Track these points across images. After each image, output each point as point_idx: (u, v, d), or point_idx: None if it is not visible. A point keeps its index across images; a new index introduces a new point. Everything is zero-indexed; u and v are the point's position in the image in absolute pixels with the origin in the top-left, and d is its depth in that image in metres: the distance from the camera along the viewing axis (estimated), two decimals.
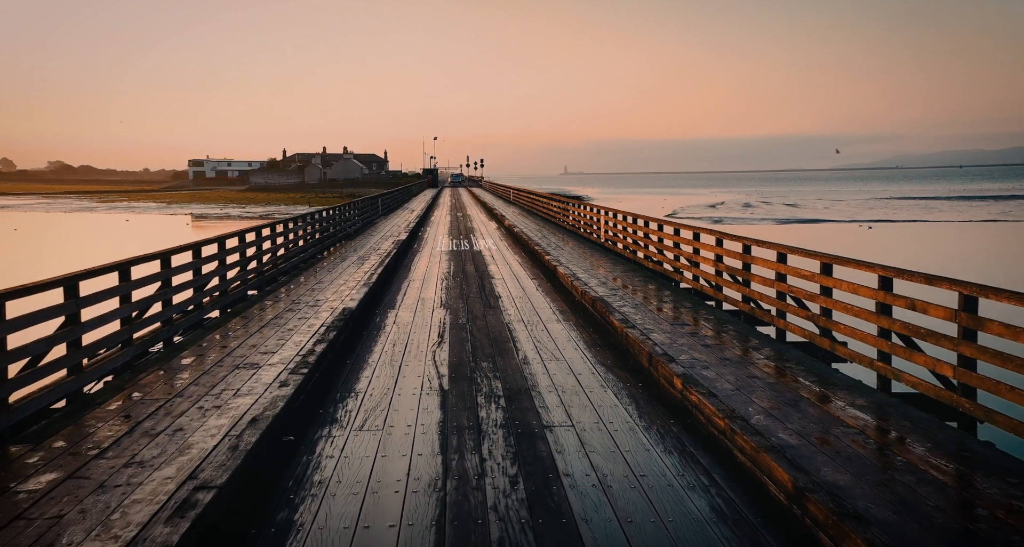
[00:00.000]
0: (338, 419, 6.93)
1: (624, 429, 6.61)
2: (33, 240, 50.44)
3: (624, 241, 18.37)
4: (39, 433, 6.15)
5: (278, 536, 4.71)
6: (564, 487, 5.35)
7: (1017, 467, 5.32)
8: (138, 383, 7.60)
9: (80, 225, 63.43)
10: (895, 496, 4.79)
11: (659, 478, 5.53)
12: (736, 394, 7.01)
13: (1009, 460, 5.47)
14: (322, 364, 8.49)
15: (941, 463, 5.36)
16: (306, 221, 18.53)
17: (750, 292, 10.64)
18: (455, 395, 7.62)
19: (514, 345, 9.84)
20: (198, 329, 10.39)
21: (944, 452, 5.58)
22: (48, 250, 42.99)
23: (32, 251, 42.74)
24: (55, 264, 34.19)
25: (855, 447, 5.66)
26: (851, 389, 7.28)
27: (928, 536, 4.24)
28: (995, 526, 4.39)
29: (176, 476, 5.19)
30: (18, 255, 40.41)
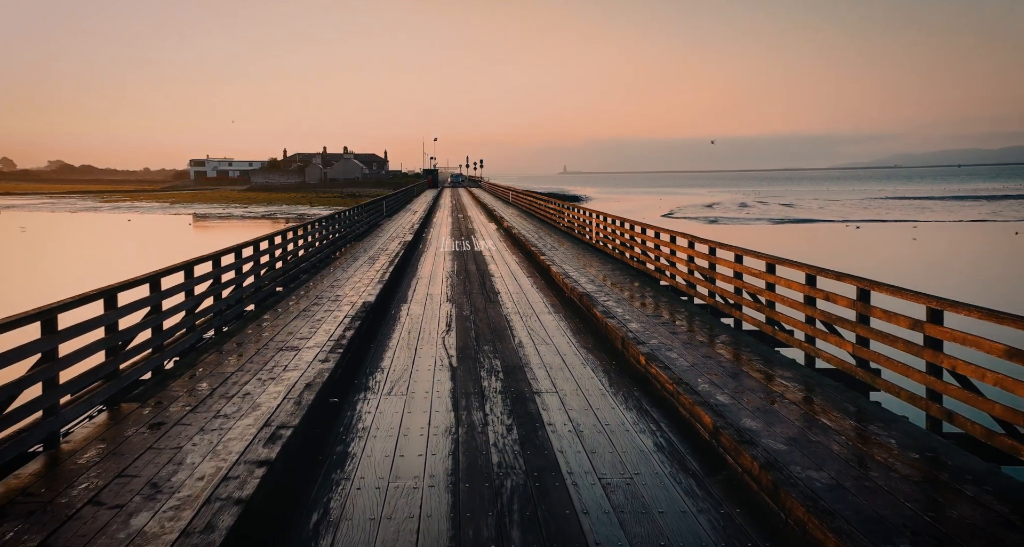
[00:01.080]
0: (370, 387, 8.76)
1: (596, 394, 8.43)
2: (45, 240, 52.14)
3: (613, 242, 20.19)
4: (140, 395, 7.96)
5: (339, 461, 6.53)
6: (547, 432, 7.16)
7: (884, 415, 7.13)
8: (203, 362, 9.40)
9: (87, 225, 65.12)
10: (788, 434, 6.59)
11: (619, 426, 7.35)
12: (691, 369, 8.81)
13: (882, 411, 7.29)
14: (352, 347, 10.30)
15: (832, 413, 7.17)
16: (321, 224, 20.32)
17: (715, 288, 12.46)
18: (462, 370, 9.44)
19: (511, 332, 11.67)
20: (240, 320, 12.20)
21: (838, 408, 7.38)
22: (60, 250, 44.73)
23: (44, 251, 44.46)
24: (71, 263, 35.98)
25: (771, 405, 7.46)
26: (784, 366, 9.09)
27: (802, 456, 6.04)
28: (850, 449, 6.20)
29: (255, 423, 6.99)
30: (34, 255, 42.14)
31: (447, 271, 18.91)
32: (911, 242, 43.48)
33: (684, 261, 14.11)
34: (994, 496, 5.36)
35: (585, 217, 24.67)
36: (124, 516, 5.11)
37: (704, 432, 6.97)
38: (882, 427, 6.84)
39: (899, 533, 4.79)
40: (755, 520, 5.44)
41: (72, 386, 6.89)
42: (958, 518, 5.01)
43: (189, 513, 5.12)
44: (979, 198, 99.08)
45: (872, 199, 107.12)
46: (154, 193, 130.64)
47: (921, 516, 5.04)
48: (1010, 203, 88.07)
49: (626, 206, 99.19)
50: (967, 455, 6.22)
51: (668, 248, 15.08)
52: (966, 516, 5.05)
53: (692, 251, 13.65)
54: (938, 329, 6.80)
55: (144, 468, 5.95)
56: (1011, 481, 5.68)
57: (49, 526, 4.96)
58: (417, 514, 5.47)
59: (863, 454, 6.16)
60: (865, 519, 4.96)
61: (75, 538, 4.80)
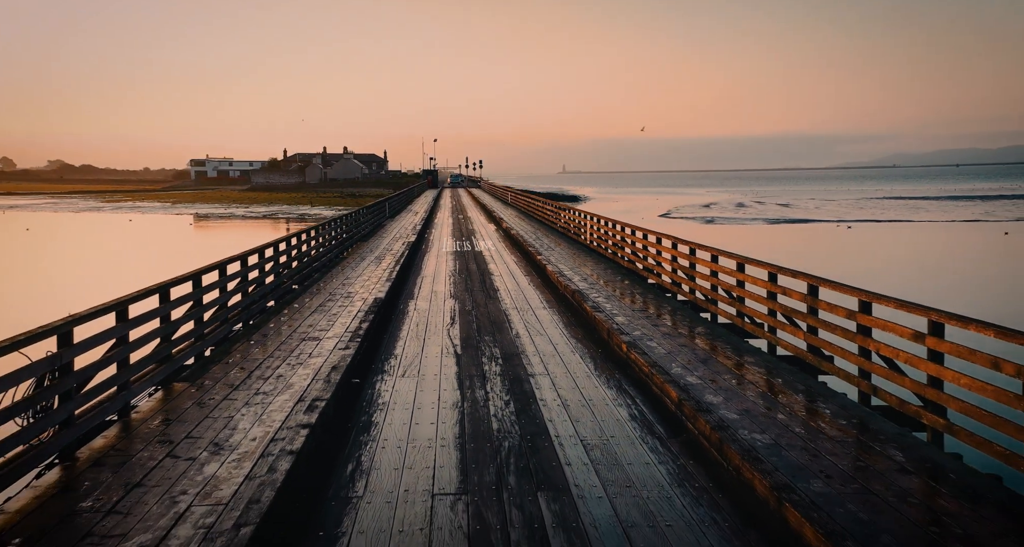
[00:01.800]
0: (386, 370, 10.09)
1: (583, 376, 9.75)
2: (52, 240, 53.38)
3: (606, 243, 21.51)
4: (188, 377, 9.28)
5: (365, 427, 7.85)
6: (539, 406, 8.48)
7: (827, 392, 8.46)
8: (237, 350, 10.71)
9: (92, 225, 66.39)
10: (742, 407, 7.90)
11: (601, 400, 8.68)
12: (666, 355, 10.12)
13: (827, 390, 8.61)
14: (368, 336, 11.62)
15: (784, 392, 8.48)
16: (331, 226, 21.63)
17: (695, 285, 13.78)
18: (466, 357, 10.76)
19: (509, 325, 12.99)
20: (263, 314, 13.51)
21: (790, 387, 8.70)
22: (69, 250, 46.01)
23: (53, 251, 45.73)
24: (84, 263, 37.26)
25: (733, 384, 8.77)
26: (750, 353, 10.40)
27: (750, 422, 7.35)
28: (792, 418, 7.52)
29: (291, 398, 8.30)
30: (43, 255, 43.41)
31: (450, 270, 20.23)
32: (896, 242, 44.84)
33: (668, 261, 15.44)
34: (898, 450, 6.68)
35: (580, 219, 25.99)
36: (197, 465, 6.42)
37: (671, 405, 8.29)
38: (823, 402, 8.16)
39: (815, 476, 6.10)
40: (703, 469, 6.76)
41: (137, 367, 8.20)
42: (865, 466, 6.33)
43: (249, 463, 6.43)
44: (974, 198, 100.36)
45: (868, 199, 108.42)
46: (155, 193, 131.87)
47: (836, 465, 6.35)
48: (1004, 203, 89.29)
49: (624, 206, 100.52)
50: (886, 422, 7.54)
51: (654, 249, 16.40)
52: (872, 465, 6.36)
53: (675, 251, 14.97)
54: (868, 318, 8.12)
55: (205, 432, 7.26)
56: (915, 440, 7.01)
57: (141, 472, 6.27)
58: (432, 465, 6.79)
59: (802, 422, 7.48)
60: (789, 466, 6.27)
61: (163, 480, 6.11)
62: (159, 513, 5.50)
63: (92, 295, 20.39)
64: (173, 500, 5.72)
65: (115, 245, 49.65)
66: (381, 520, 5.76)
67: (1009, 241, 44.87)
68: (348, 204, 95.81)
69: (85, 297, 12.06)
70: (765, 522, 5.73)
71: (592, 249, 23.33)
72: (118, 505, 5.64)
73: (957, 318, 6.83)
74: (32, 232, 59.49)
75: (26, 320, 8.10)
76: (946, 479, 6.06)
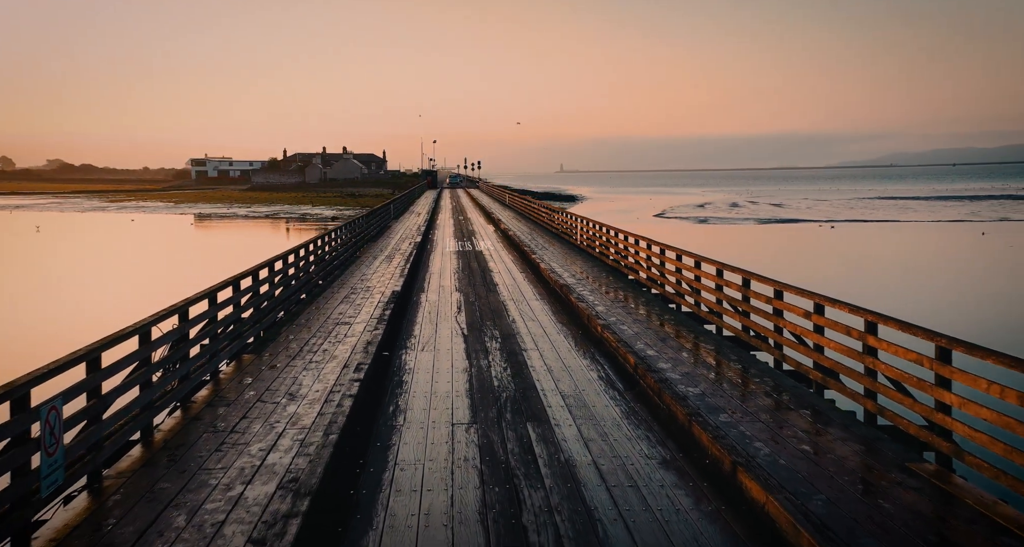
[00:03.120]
0: (408, 346, 12.72)
1: (564, 350, 12.39)
2: (67, 239, 55.87)
3: (594, 243, 24.13)
4: (253, 350, 11.89)
5: (398, 384, 10.49)
6: (529, 371, 11.10)
7: (750, 359, 11.09)
8: (285, 332, 13.30)
9: (101, 224, 68.85)
10: (684, 371, 10.51)
11: (578, 367, 11.31)
12: (634, 335, 12.73)
13: (751, 357, 11.24)
14: (391, 321, 14.23)
15: (724, 362, 11.10)
16: (345, 228, 24.22)
17: (666, 281, 16.39)
18: (471, 337, 13.38)
19: (506, 313, 15.62)
20: (298, 304, 16.11)
21: (727, 358, 11.31)
22: (85, 248, 48.54)
23: (67, 249, 48.25)
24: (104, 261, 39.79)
25: (681, 356, 11.39)
26: (705, 336, 13.01)
27: (686, 380, 9.96)
28: (721, 377, 10.14)
29: (338, 364, 10.90)
30: (60, 253, 45.92)
31: (454, 267, 22.87)
32: (872, 242, 47.50)
33: (644, 259, 18.07)
34: (788, 396, 9.30)
35: (572, 221, 28.61)
36: (281, 406, 9.02)
37: (630, 368, 10.93)
38: (747, 366, 10.79)
39: (723, 410, 8.71)
40: (646, 408, 9.40)
41: (220, 341, 10.80)
42: (762, 405, 8.94)
43: (319, 404, 9.04)
44: (963, 198, 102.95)
45: (860, 199, 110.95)
46: (157, 193, 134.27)
47: (742, 405, 8.96)
48: (991, 203, 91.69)
49: (620, 206, 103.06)
50: (787, 378, 10.16)
51: (634, 249, 19.02)
52: (767, 406, 8.98)
53: (649, 251, 17.60)
54: (780, 302, 10.74)
55: (279, 387, 9.87)
56: (803, 391, 9.62)
57: (241, 411, 8.87)
58: (451, 407, 9.42)
59: (729, 381, 10.10)
60: (706, 406, 8.88)
61: (260, 415, 8.71)
62: (264, 432, 8.11)
63: (160, 292, 23.33)
64: (272, 426, 8.32)
65: (136, 244, 52.13)
66: (418, 437, 8.39)
67: (984, 241, 47.48)
68: (349, 204, 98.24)
69: (161, 292, 14.70)
70: (680, 436, 8.36)
71: (582, 249, 25.94)
72: (236, 427, 8.25)
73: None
74: (44, 231, 61.85)
75: (124, 306, 10.68)
76: (820, 415, 8.69)
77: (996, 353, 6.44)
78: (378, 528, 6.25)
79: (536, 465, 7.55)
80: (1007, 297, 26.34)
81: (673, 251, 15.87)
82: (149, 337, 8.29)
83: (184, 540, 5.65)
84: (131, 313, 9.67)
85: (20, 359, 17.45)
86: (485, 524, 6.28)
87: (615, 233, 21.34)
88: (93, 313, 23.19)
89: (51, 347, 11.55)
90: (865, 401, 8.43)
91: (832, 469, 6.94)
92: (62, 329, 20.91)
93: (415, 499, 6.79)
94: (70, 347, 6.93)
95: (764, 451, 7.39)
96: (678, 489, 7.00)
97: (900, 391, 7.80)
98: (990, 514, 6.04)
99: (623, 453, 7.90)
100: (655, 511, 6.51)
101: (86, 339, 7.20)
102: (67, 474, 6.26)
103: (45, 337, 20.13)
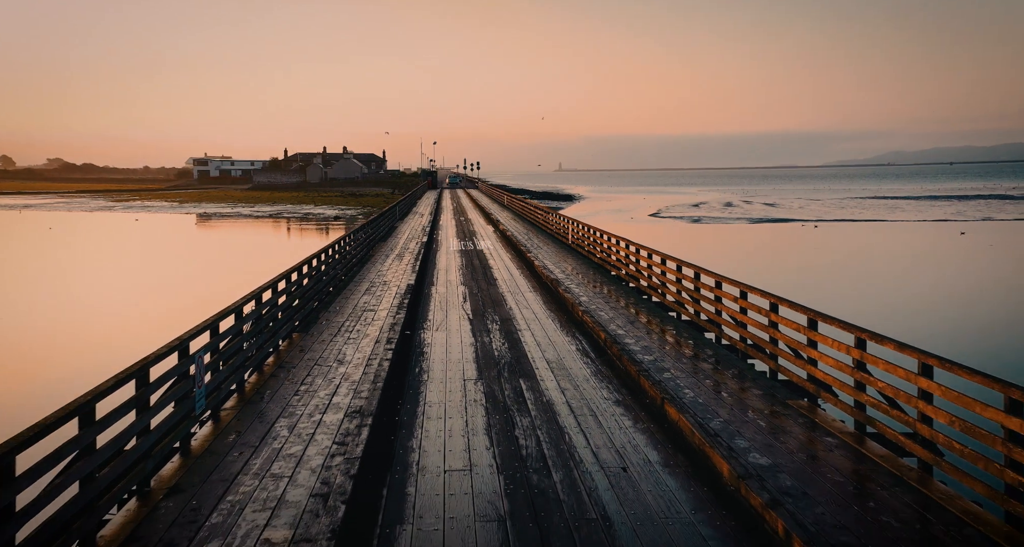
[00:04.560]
0: (425, 327, 15.83)
1: (551, 330, 15.50)
2: (84, 238, 58.84)
3: (584, 243, 27.20)
4: (300, 330, 14.97)
5: (419, 353, 13.60)
6: (523, 345, 14.20)
7: (701, 338, 14.19)
8: (323, 318, 16.37)
9: (112, 224, 71.77)
10: (644, 344, 13.59)
11: (561, 342, 14.42)
12: (609, 319, 15.80)
13: (701, 335, 14.33)
14: (409, 308, 17.32)
15: (680, 338, 14.19)
16: (360, 230, 27.29)
17: (639, 275, 19.47)
18: (476, 320, 16.47)
19: (505, 302, 18.71)
20: (328, 295, 19.18)
21: (681, 335, 14.40)
22: (104, 247, 51.53)
23: (88, 248, 51.25)
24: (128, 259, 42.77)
25: (643, 334, 14.46)
26: (666, 319, 16.09)
27: (643, 349, 13.03)
28: (675, 349, 13.23)
29: (371, 340, 13.98)
30: (82, 252, 48.91)
31: (458, 264, 25.97)
32: (849, 241, 50.66)
33: (623, 258, 21.16)
34: (714, 361, 12.38)
35: (565, 223, 31.71)
36: (333, 368, 12.09)
37: (601, 342, 14.02)
38: (696, 342, 13.86)
39: (667, 370, 11.76)
40: (610, 370, 12.51)
41: (278, 324, 13.85)
42: (699, 368, 12.02)
43: (362, 366, 12.11)
44: (951, 198, 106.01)
45: (853, 198, 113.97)
46: (161, 192, 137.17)
47: (683, 367, 12.03)
48: (978, 203, 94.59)
49: (616, 205, 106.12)
50: (722, 349, 13.23)
51: (615, 249, 22.11)
52: (703, 368, 12.05)
53: (627, 250, 20.69)
54: (719, 291, 13.82)
55: (328, 354, 12.94)
56: (726, 355, 12.70)
57: (305, 371, 11.95)
58: (462, 369, 12.51)
59: (678, 351, 13.17)
60: (655, 366, 11.95)
61: (320, 373, 11.78)
62: (326, 384, 11.17)
63: (198, 286, 26.50)
64: (330, 380, 11.38)
65: (160, 243, 55.11)
66: (439, 387, 11.50)
67: (961, 241, 50.55)
68: (350, 204, 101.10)
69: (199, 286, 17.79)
70: (632, 386, 11.46)
71: (573, 248, 29.03)
72: (304, 380, 11.33)
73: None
74: (58, 231, 64.76)
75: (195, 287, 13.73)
76: (740, 374, 11.78)
77: (848, 325, 9.54)
78: (418, 437, 9.35)
79: (526, 403, 10.65)
80: (942, 292, 29.43)
81: (646, 250, 18.96)
82: (241, 313, 11.37)
83: (292, 441, 8.71)
84: (179, 304, 12.76)
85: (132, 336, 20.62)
86: (490, 435, 9.37)
87: (600, 234, 24.43)
88: (154, 303, 26.30)
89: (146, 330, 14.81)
90: (770, 362, 11.52)
91: (732, 402, 10.03)
92: (150, 315, 24.03)
93: (441, 423, 9.89)
94: (160, 329, 10.00)
95: (689, 394, 10.47)
96: (624, 416, 10.11)
97: (795, 356, 10.87)
98: (835, 431, 9.14)
99: (588, 396, 11.01)
100: (605, 428, 9.61)
101: (168, 322, 10.28)
102: (206, 402, 9.35)
103: (138, 322, 23.25)
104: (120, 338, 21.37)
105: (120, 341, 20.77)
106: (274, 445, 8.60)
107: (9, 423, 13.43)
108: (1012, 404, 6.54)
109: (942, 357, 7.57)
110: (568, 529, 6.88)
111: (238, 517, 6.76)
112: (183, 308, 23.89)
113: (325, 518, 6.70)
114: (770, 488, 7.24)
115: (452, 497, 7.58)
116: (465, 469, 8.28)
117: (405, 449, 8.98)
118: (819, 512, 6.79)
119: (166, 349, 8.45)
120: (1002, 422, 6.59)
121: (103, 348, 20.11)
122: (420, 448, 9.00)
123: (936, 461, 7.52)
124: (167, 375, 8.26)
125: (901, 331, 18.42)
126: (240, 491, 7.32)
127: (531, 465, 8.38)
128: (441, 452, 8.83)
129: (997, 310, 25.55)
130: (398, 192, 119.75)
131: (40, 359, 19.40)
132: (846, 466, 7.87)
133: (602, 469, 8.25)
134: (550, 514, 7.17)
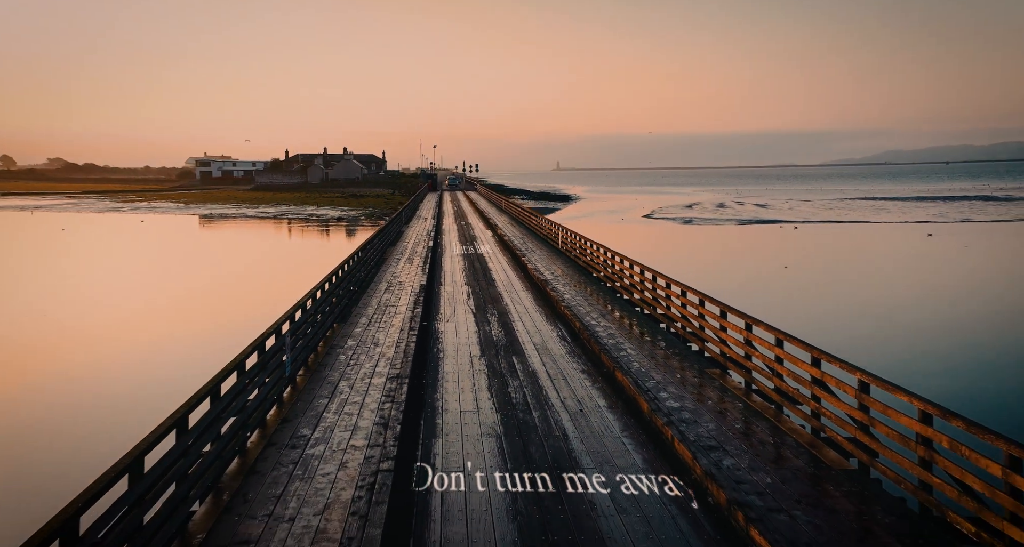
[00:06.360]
0: (438, 319, 20.01)
1: (540, 321, 19.67)
2: (101, 240, 62.69)
3: (572, 248, 31.32)
4: (339, 320, 19.09)
5: (435, 339, 17.78)
6: (515, 332, 18.37)
7: (659, 329, 18.33)
8: (354, 311, 20.49)
9: (125, 225, 75.67)
10: (610, 331, 17.70)
11: (546, 330, 18.60)
12: (585, 312, 19.93)
13: (659, 328, 18.47)
14: (423, 303, 21.44)
15: (642, 330, 18.32)
16: (375, 237, 31.41)
17: (616, 277, 23.59)
18: (478, 314, 20.63)
19: (502, 299, 22.88)
20: (354, 294, 23.29)
21: (641, 327, 18.52)
22: (124, 249, 55.46)
23: (108, 250, 55.16)
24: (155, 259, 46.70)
25: (612, 325, 18.58)
26: (634, 315, 20.22)
27: (607, 334, 17.14)
28: (635, 336, 17.36)
29: (396, 328, 18.11)
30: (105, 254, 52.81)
31: (462, 267, 30.14)
32: (819, 242, 54.78)
33: (601, 263, 25.31)
34: (679, 354, 16.51)
35: (555, 229, 35.84)
36: (371, 348, 16.21)
37: (576, 330, 18.16)
38: (653, 330, 17.98)
39: (624, 349, 15.88)
40: (582, 350, 16.67)
41: (324, 318, 17.96)
42: (652, 350, 16.14)
43: (393, 347, 16.23)
44: (938, 199, 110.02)
45: (842, 200, 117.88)
46: (165, 193, 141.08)
47: (638, 347, 16.14)
48: (962, 205, 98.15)
49: (611, 206, 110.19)
50: (682, 344, 17.36)
51: (596, 254, 26.23)
52: (655, 350, 16.18)
53: (605, 256, 24.82)
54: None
55: (366, 339, 17.06)
56: (687, 350, 16.82)
57: (350, 351, 16.07)
58: (468, 349, 16.66)
59: (637, 336, 17.29)
60: (615, 346, 16.07)
61: (363, 352, 15.89)
62: (368, 360, 15.27)
63: (232, 284, 30.90)
64: (371, 356, 15.49)
65: (177, 244, 59.06)
66: (452, 361, 15.65)
67: (926, 243, 54.53)
68: (352, 205, 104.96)
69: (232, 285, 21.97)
70: (595, 361, 15.61)
71: (563, 253, 33.17)
72: (351, 357, 15.43)
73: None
74: (72, 232, 68.54)
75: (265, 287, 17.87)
76: (683, 354, 15.91)
77: (743, 314, 13.68)
78: (440, 392, 13.51)
79: (516, 372, 14.79)
80: (885, 295, 33.55)
81: (619, 256, 23.09)
82: (306, 307, 15.47)
83: (354, 393, 12.80)
84: (224, 297, 16.86)
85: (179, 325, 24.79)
86: (490, 391, 13.49)
87: (585, 241, 28.57)
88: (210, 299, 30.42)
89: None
90: (700, 343, 15.65)
91: (666, 370, 14.16)
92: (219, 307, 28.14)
93: (456, 383, 14.03)
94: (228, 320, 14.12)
95: (636, 365, 14.60)
96: (586, 379, 14.26)
97: (719, 341, 14.95)
98: (731, 388, 13.29)
99: (562, 367, 15.16)
100: (571, 387, 13.75)
101: (230, 316, 14.40)
102: (290, 369, 13.46)
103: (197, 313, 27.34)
104: (199, 333, 25.51)
105: (202, 335, 24.91)
106: (342, 397, 12.72)
107: (131, 395, 17.75)
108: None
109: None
110: (540, 441, 11.00)
111: (331, 433, 10.87)
112: (238, 294, 28.03)
113: (388, 433, 10.83)
114: (673, 419, 11.36)
115: (466, 425, 11.72)
116: (473, 410, 12.42)
117: (432, 399, 13.11)
118: (700, 431, 10.90)
119: (267, 332, 12.58)
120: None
121: (198, 339, 24.28)
122: (443, 398, 13.14)
123: (789, 406, 11.65)
124: (268, 351, 12.40)
125: (811, 332, 22.78)
126: (327, 420, 11.45)
127: (519, 407, 12.52)
128: (457, 400, 12.98)
129: (929, 313, 29.65)
130: (398, 193, 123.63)
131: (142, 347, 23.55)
132: (735, 409, 11.99)
133: (566, 410, 12.40)
134: (529, 433, 11.31)
